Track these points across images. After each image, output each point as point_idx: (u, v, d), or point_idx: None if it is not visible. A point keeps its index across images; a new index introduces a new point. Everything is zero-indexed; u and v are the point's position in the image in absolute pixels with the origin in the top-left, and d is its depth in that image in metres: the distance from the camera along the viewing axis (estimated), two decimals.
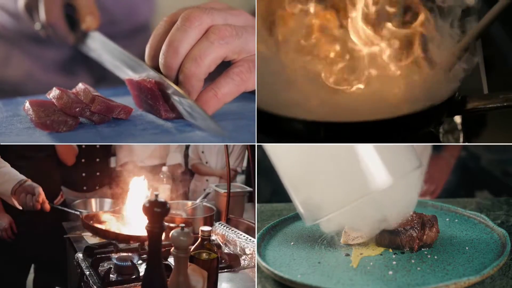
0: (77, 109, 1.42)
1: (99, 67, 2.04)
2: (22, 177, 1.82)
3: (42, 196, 1.78)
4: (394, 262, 1.29)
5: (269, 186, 2.26)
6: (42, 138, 1.39)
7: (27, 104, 1.43)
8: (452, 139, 1.59)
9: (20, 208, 1.82)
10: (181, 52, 1.37)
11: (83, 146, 2.63)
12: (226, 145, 2.26)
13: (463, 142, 1.61)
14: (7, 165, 1.90)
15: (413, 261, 1.29)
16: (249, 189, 2.42)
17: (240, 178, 3.43)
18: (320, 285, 1.18)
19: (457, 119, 1.64)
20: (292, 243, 1.43)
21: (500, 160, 2.79)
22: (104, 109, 1.43)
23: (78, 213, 1.79)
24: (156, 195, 1.33)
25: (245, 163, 3.38)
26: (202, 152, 3.18)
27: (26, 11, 1.76)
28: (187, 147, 3.26)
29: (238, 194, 2.35)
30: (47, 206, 1.78)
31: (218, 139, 1.40)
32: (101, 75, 2.06)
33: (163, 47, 1.39)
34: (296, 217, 1.56)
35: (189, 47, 1.38)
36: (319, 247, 1.40)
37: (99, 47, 1.66)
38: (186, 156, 3.27)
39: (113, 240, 1.73)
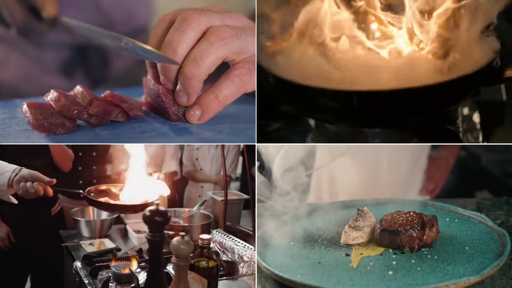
0: (75, 112, 1.42)
1: (97, 70, 2.04)
2: (15, 166, 1.72)
3: (43, 179, 1.69)
4: (394, 262, 1.29)
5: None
6: (39, 141, 1.39)
7: (25, 106, 1.43)
8: (472, 138, 1.59)
9: (16, 202, 1.73)
10: (179, 53, 1.37)
11: (80, 154, 2.63)
12: (222, 147, 2.25)
13: (482, 141, 1.61)
14: None
15: (413, 261, 1.29)
16: (245, 196, 2.42)
17: (235, 185, 3.43)
18: (320, 285, 1.18)
19: (476, 118, 1.64)
20: (292, 243, 1.43)
21: (500, 160, 2.80)
22: (101, 111, 1.43)
23: (80, 192, 1.77)
24: (157, 204, 1.33)
25: (239, 169, 3.39)
26: (197, 159, 3.17)
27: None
28: (182, 154, 3.25)
29: (235, 202, 2.35)
30: (50, 190, 1.70)
31: (217, 139, 1.40)
32: (99, 78, 2.06)
33: (161, 48, 1.39)
34: (296, 217, 1.55)
35: (187, 48, 1.38)
36: (319, 247, 1.40)
37: (71, 27, 1.66)
38: (180, 163, 3.26)
39: (119, 210, 1.71)
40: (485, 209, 1.66)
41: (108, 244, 2.11)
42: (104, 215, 2.38)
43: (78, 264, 1.78)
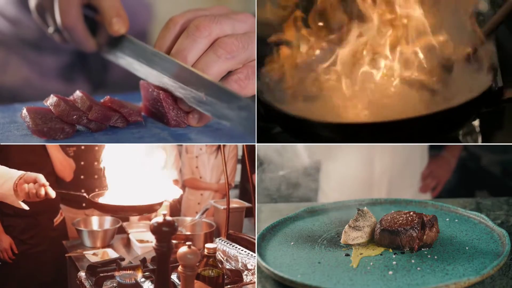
0: (74, 117, 1.42)
1: (97, 74, 2.03)
2: (21, 172, 1.70)
3: (45, 182, 1.65)
4: (394, 262, 1.28)
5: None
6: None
7: (24, 111, 1.43)
8: (471, 140, 1.60)
9: (27, 208, 1.70)
10: (189, 61, 1.40)
11: (82, 163, 2.63)
12: (224, 155, 2.24)
13: (481, 143, 1.63)
14: (2, 166, 1.85)
15: (413, 261, 1.29)
16: (247, 204, 2.41)
17: (233, 192, 3.42)
18: (320, 285, 1.18)
19: (475, 122, 1.65)
20: (292, 243, 1.43)
21: (500, 160, 2.80)
22: (101, 117, 1.44)
23: (83, 194, 1.77)
24: (164, 214, 1.33)
25: (237, 177, 3.39)
26: (196, 167, 3.17)
27: (38, 13, 1.60)
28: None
29: (237, 210, 2.34)
30: (52, 192, 1.64)
31: (217, 139, 1.40)
32: (99, 82, 2.06)
33: (171, 55, 1.41)
34: (296, 217, 1.56)
35: (197, 57, 1.40)
36: (319, 247, 1.40)
37: (129, 53, 1.50)
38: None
39: (122, 212, 1.70)
40: (485, 209, 1.66)
41: (112, 254, 2.11)
42: (107, 224, 2.38)
43: (82, 274, 1.78)
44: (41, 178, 1.67)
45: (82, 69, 2.03)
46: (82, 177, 2.65)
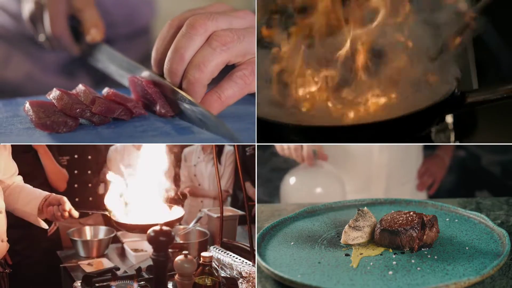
0: (77, 110, 1.43)
1: (98, 70, 2.04)
2: (46, 193, 1.83)
3: (68, 204, 1.78)
4: (394, 262, 1.28)
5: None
6: (42, 139, 1.40)
7: (27, 105, 1.44)
8: (444, 138, 1.62)
9: (46, 227, 1.85)
10: (186, 59, 1.40)
11: (76, 172, 2.63)
12: (217, 166, 2.23)
13: (454, 141, 1.65)
14: (28, 185, 1.91)
15: (413, 261, 1.29)
16: (240, 212, 2.42)
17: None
18: (320, 285, 1.18)
19: (449, 119, 1.67)
20: (292, 243, 1.43)
21: (500, 160, 2.79)
22: (104, 110, 1.44)
23: (105, 213, 1.78)
24: (161, 224, 1.33)
25: None
26: (195, 175, 3.18)
27: (31, 23, 1.79)
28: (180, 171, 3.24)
29: (230, 218, 2.34)
30: (75, 213, 1.78)
31: (218, 139, 1.40)
32: (101, 77, 2.06)
33: (169, 53, 1.41)
34: (296, 217, 1.56)
35: (194, 54, 1.40)
36: (319, 247, 1.39)
37: (105, 58, 1.71)
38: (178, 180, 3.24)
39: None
40: (485, 209, 1.66)
41: (107, 263, 2.10)
42: (101, 234, 2.37)
43: (78, 284, 1.77)
44: (65, 201, 1.78)
45: (83, 65, 2.03)
46: (76, 185, 2.64)
